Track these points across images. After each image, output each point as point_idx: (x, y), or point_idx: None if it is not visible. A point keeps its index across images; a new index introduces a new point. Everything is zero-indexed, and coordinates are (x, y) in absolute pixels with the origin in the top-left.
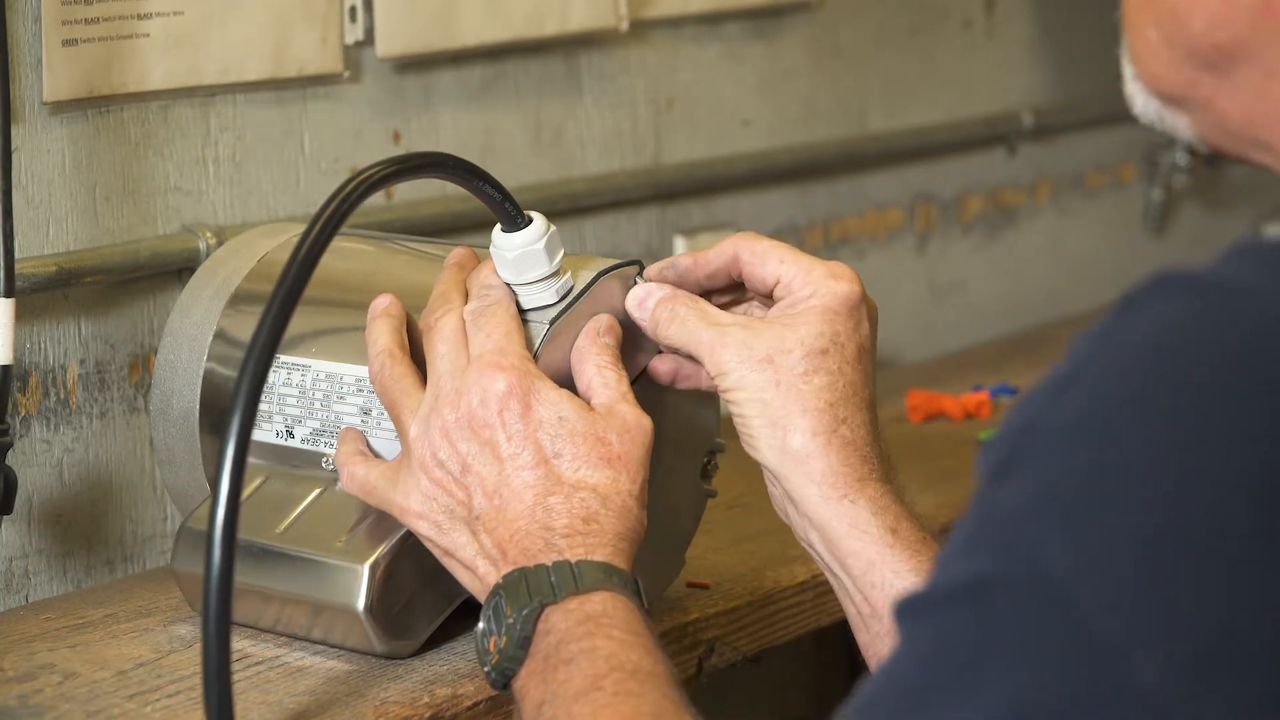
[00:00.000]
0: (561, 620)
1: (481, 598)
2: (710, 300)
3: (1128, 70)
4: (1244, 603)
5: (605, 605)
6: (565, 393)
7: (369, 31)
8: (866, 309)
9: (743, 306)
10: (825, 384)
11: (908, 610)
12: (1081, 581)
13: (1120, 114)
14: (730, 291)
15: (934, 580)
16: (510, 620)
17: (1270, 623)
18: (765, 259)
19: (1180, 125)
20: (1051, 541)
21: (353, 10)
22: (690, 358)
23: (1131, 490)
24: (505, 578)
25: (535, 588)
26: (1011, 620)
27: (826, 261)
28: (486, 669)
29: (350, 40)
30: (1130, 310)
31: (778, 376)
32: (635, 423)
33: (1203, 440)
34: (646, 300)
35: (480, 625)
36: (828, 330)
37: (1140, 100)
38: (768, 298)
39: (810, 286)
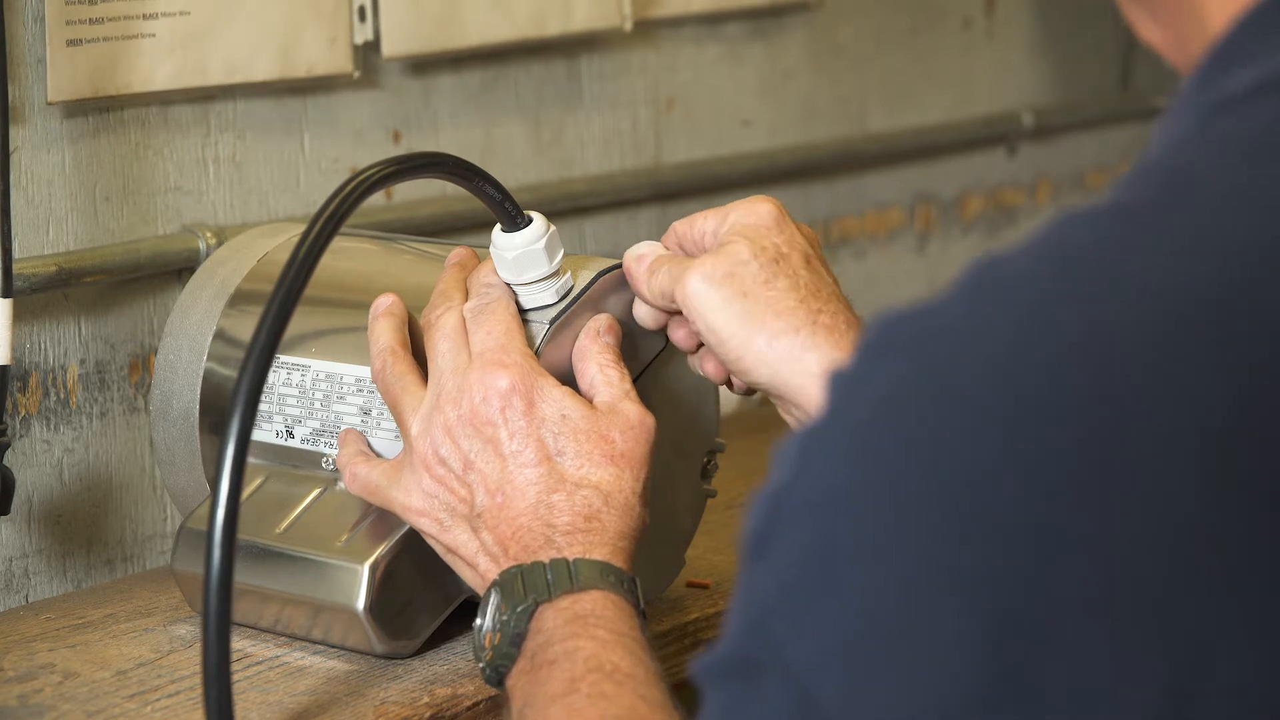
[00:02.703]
0: (552, 619)
1: (482, 594)
2: None
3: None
4: (954, 704)
5: (595, 605)
6: (568, 390)
7: (378, 32)
8: (796, 225)
9: None
10: (788, 285)
11: (703, 673)
12: (821, 677)
13: (1120, 114)
14: None
15: (721, 645)
16: (505, 617)
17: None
18: (693, 222)
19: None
20: (796, 635)
21: (361, 10)
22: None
23: (861, 576)
24: (503, 574)
25: (531, 585)
26: (769, 710)
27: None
28: (481, 665)
29: (360, 40)
30: (865, 365)
31: (743, 287)
32: (639, 421)
33: (926, 522)
34: (645, 258)
35: (477, 621)
36: (768, 244)
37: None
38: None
39: (730, 217)
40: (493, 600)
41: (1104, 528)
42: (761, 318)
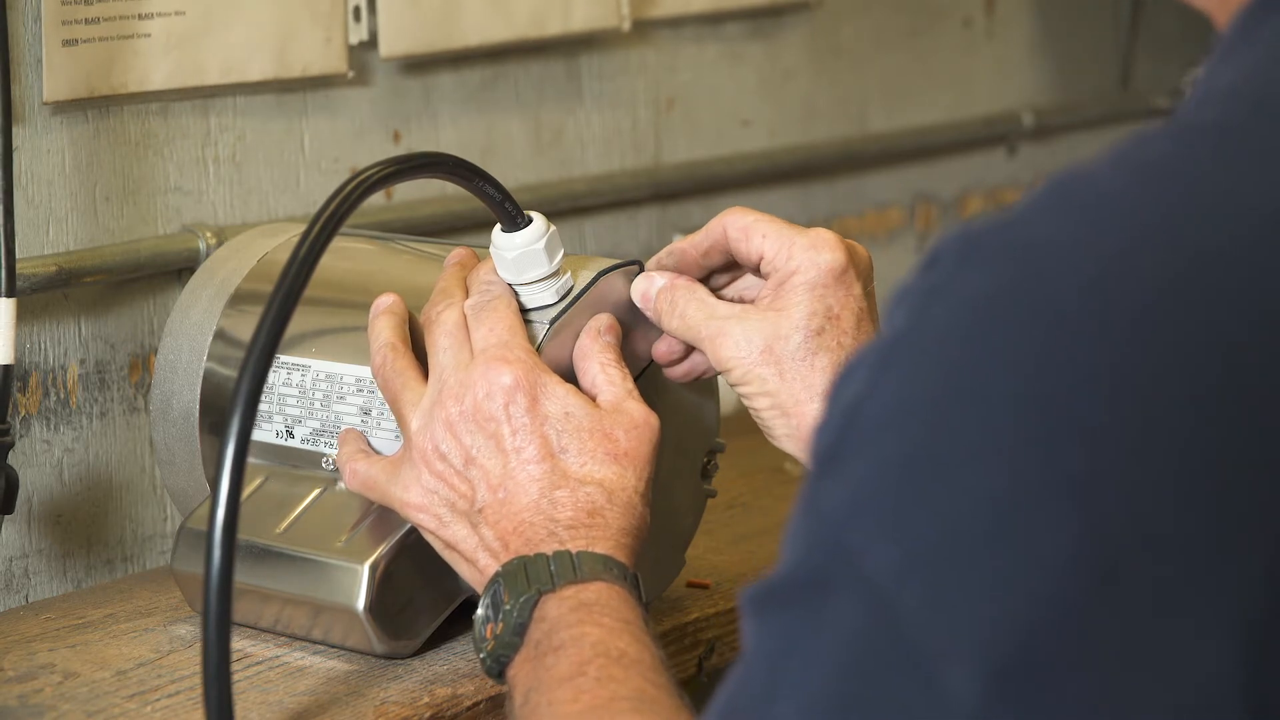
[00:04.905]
0: (556, 608)
1: (481, 590)
2: (713, 278)
3: None
4: (1049, 610)
5: (600, 594)
6: (571, 388)
7: (373, 32)
8: (857, 266)
9: (742, 282)
10: (828, 363)
11: (756, 602)
12: (903, 587)
13: (1120, 114)
14: (730, 269)
15: (777, 572)
16: (508, 607)
17: (1072, 631)
18: (749, 235)
19: None
20: (874, 546)
21: (357, 10)
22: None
23: (950, 485)
24: (505, 566)
25: (534, 576)
26: (843, 625)
27: (807, 231)
28: (482, 655)
29: (355, 40)
30: (941, 276)
31: (780, 366)
32: (643, 420)
33: (1021, 430)
34: (649, 290)
35: (478, 612)
36: (819, 307)
37: None
38: (759, 272)
39: (793, 261)
40: (494, 591)
41: (1205, 432)
42: (795, 400)
